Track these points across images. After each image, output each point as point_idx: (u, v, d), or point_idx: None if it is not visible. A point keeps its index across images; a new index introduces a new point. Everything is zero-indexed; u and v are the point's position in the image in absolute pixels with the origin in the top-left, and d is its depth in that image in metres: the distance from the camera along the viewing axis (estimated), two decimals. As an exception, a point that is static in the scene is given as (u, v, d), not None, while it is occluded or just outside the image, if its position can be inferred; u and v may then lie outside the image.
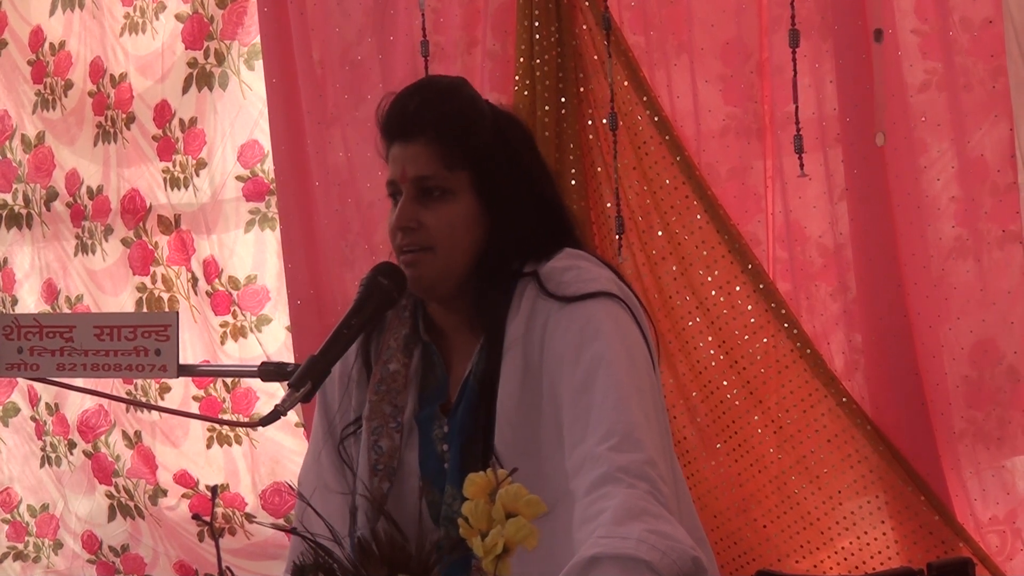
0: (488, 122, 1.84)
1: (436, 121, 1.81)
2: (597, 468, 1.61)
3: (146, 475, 4.32)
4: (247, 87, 4.02)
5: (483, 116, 1.84)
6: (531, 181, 1.86)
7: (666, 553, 1.52)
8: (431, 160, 1.81)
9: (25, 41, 4.51)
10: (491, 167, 1.82)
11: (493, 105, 1.92)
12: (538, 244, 1.85)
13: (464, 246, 1.81)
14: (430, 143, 1.80)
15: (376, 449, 1.84)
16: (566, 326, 1.75)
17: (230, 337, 4.09)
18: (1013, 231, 2.89)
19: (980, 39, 2.88)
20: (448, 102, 1.83)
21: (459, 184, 1.81)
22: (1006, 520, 2.95)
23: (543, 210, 1.87)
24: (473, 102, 1.85)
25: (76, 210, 4.42)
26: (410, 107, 1.83)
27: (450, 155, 1.80)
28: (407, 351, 1.89)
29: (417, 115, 1.82)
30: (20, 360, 1.78)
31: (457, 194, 1.81)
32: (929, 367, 2.98)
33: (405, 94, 1.85)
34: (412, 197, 1.82)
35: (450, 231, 1.81)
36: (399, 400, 1.86)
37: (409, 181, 1.82)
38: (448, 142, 1.80)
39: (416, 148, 1.81)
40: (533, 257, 1.84)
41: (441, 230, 1.80)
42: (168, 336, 1.72)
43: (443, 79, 1.94)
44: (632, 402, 1.67)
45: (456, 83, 1.89)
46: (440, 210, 1.81)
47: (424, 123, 1.81)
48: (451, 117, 1.82)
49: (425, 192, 1.81)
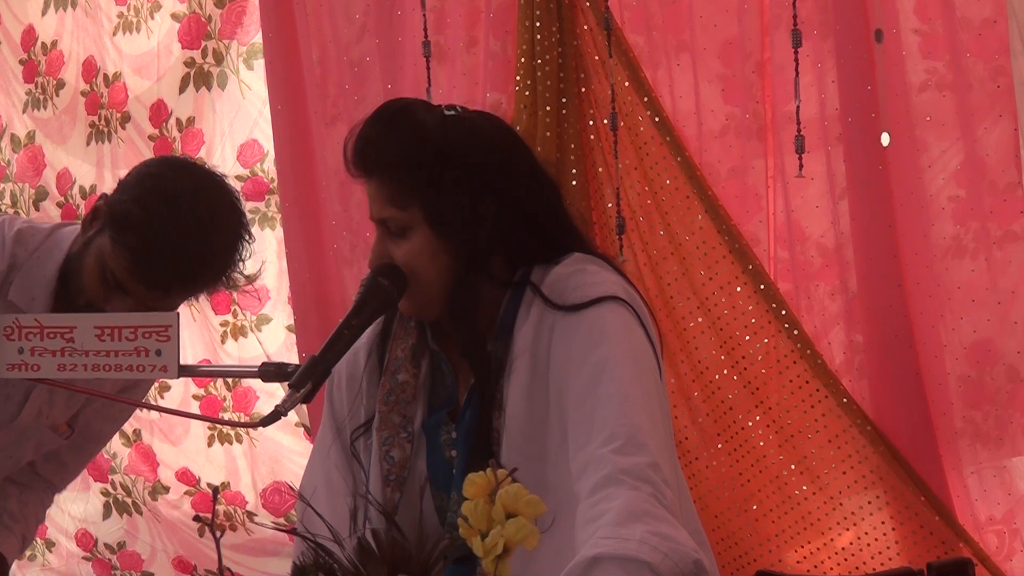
0: (436, 150, 1.81)
1: (381, 162, 1.83)
2: (600, 470, 1.61)
3: (145, 472, 4.32)
4: (246, 87, 4.02)
5: (429, 145, 1.82)
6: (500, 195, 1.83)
7: (668, 555, 1.52)
8: (385, 202, 1.84)
9: (17, 40, 4.50)
10: (439, 198, 1.81)
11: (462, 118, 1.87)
12: (536, 251, 1.85)
13: (433, 276, 1.83)
14: (382, 184, 1.84)
15: (388, 459, 1.85)
16: (572, 332, 1.75)
17: (230, 336, 4.09)
18: (1016, 231, 2.89)
19: (983, 38, 2.88)
20: (390, 139, 1.83)
21: (412, 220, 1.82)
22: (1005, 520, 2.95)
23: (525, 219, 1.85)
24: (419, 132, 1.83)
25: (67, 209, 4.42)
26: (361, 147, 1.85)
27: (399, 194, 1.82)
28: (415, 361, 1.90)
29: (366, 155, 1.84)
30: (21, 360, 1.77)
31: (413, 229, 1.83)
32: (930, 367, 2.97)
33: (361, 131, 1.86)
34: (381, 235, 1.86)
35: (416, 263, 1.83)
36: (408, 411, 1.87)
37: (375, 221, 1.87)
38: (394, 181, 1.82)
39: (372, 189, 1.85)
40: (539, 264, 1.84)
41: (408, 264, 1.83)
42: (169, 336, 1.71)
43: (392, 109, 1.89)
44: (637, 405, 1.67)
45: (404, 112, 1.87)
46: (403, 246, 1.83)
47: (372, 164, 1.84)
48: (393, 156, 1.82)
49: (388, 231, 1.85)
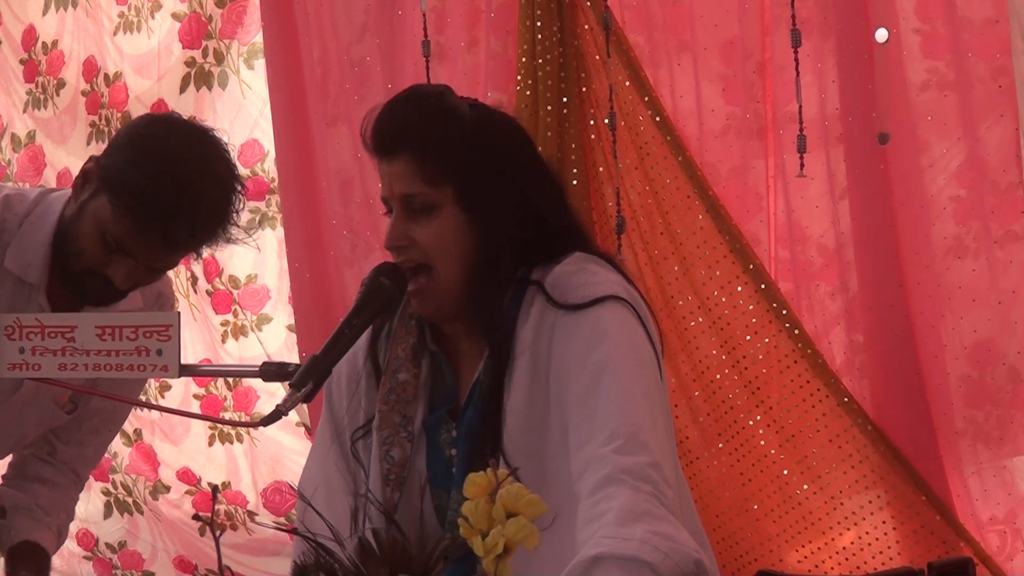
0: (470, 133, 1.83)
1: (415, 138, 1.81)
2: (601, 469, 1.61)
3: (146, 472, 4.32)
4: (247, 86, 4.02)
5: (464, 128, 1.83)
6: (520, 187, 1.85)
7: (668, 555, 1.52)
8: (415, 178, 1.81)
9: (18, 40, 4.50)
10: (473, 179, 1.81)
11: (484, 109, 1.90)
12: (538, 249, 1.85)
13: (457, 258, 1.82)
14: (412, 160, 1.81)
15: (388, 459, 1.85)
16: (573, 331, 1.75)
17: (231, 336, 4.09)
18: (1016, 230, 2.89)
19: (984, 38, 2.88)
20: (427, 117, 1.83)
21: (443, 198, 1.81)
22: (1007, 520, 2.95)
23: (536, 215, 1.86)
24: (454, 114, 1.84)
25: (69, 208, 4.42)
26: (389, 125, 1.84)
27: (432, 171, 1.81)
28: (416, 361, 1.89)
29: (397, 133, 1.83)
30: (22, 360, 1.77)
31: (443, 208, 1.81)
32: (931, 367, 2.97)
33: (386, 110, 1.86)
34: (401, 214, 1.84)
35: (442, 245, 1.82)
36: (408, 410, 1.87)
37: (396, 199, 1.84)
38: (429, 159, 1.81)
39: (399, 166, 1.82)
40: (540, 262, 1.84)
41: (433, 245, 1.82)
42: (170, 336, 1.71)
43: (424, 91, 1.92)
44: (637, 405, 1.67)
45: (437, 94, 1.88)
46: (428, 225, 1.82)
47: (404, 141, 1.82)
48: (430, 133, 1.82)
49: (412, 209, 1.83)
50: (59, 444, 2.48)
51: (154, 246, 2.10)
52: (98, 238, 2.11)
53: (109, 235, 2.10)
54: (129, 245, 2.09)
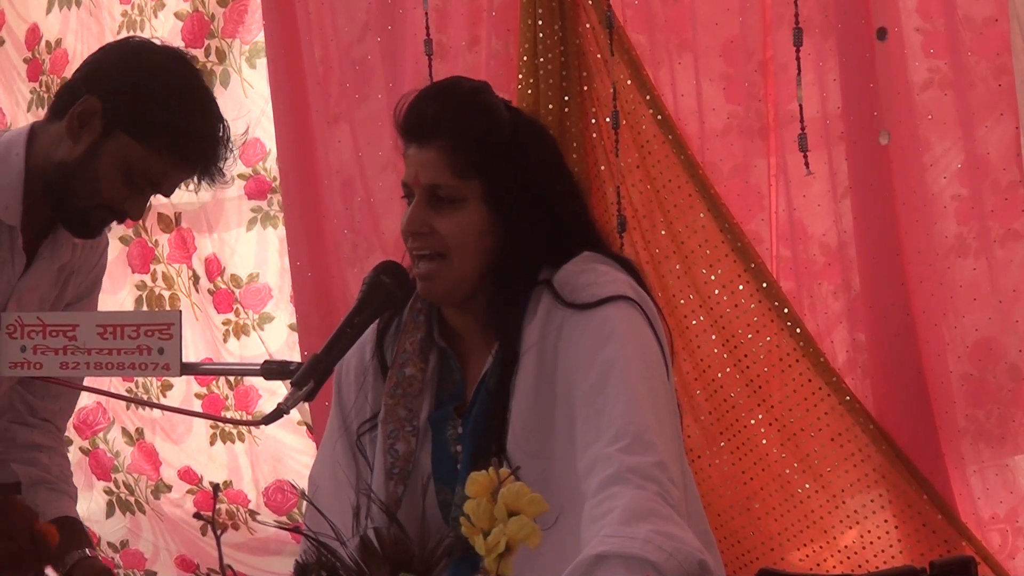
0: (505, 132, 1.83)
1: (452, 129, 1.81)
2: (607, 468, 1.61)
3: (148, 471, 4.32)
4: (248, 85, 4.02)
5: (500, 125, 1.83)
6: (546, 191, 1.85)
7: (672, 555, 1.51)
8: (444, 168, 1.80)
9: (22, 39, 4.50)
10: (503, 177, 1.81)
11: (519, 112, 1.91)
12: (552, 253, 1.85)
13: (476, 253, 1.82)
14: (444, 150, 1.80)
15: (392, 453, 1.85)
16: (581, 330, 1.75)
17: (232, 335, 4.10)
18: (1017, 229, 2.89)
19: (985, 37, 2.88)
20: (466, 110, 1.83)
21: (470, 192, 1.81)
22: (1008, 518, 2.95)
23: (559, 221, 1.86)
24: (492, 110, 1.84)
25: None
26: (428, 111, 1.82)
27: (463, 164, 1.80)
28: (423, 355, 1.89)
29: (434, 120, 1.81)
30: (23, 359, 1.77)
31: (468, 201, 1.81)
32: (932, 365, 2.97)
33: (426, 96, 1.85)
34: (424, 202, 1.83)
35: (462, 238, 1.81)
36: (414, 404, 1.87)
37: (422, 187, 1.83)
38: (462, 151, 1.80)
39: (430, 154, 1.81)
40: (549, 263, 1.84)
41: (453, 236, 1.81)
42: (171, 335, 1.71)
43: (466, 84, 1.91)
44: (644, 405, 1.67)
45: (478, 89, 1.88)
46: (452, 217, 1.81)
47: (440, 130, 1.81)
48: (468, 126, 1.81)
49: (436, 198, 1.82)
50: (34, 400, 2.43)
51: (184, 177, 2.19)
52: (120, 176, 2.15)
53: (139, 174, 2.15)
54: (163, 180, 2.17)
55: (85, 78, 2.20)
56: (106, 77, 2.18)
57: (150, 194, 2.19)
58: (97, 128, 2.14)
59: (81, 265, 2.36)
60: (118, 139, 2.13)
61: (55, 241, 2.27)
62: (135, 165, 2.14)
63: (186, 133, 2.14)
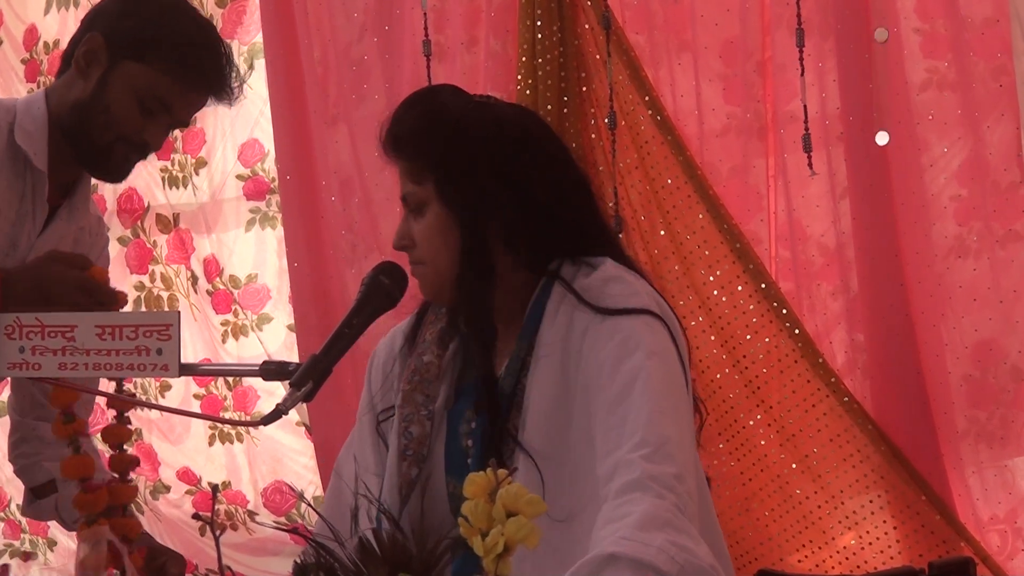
0: (448, 128, 1.84)
1: (406, 138, 1.86)
2: (628, 473, 1.62)
3: (146, 472, 4.32)
4: (247, 86, 3.99)
5: (442, 124, 1.85)
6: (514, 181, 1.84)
7: (684, 567, 1.51)
8: (406, 177, 1.87)
9: (20, 40, 4.50)
10: (449, 174, 1.83)
11: (487, 105, 1.90)
12: (559, 244, 1.85)
13: (443, 253, 1.84)
14: (406, 161, 1.86)
15: (406, 435, 1.87)
16: (607, 338, 1.75)
17: (231, 335, 4.10)
18: (1018, 230, 2.89)
19: (985, 37, 2.88)
20: (412, 117, 1.87)
21: (428, 195, 1.85)
22: (1007, 519, 2.95)
23: (537, 208, 1.86)
24: (438, 111, 1.86)
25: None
26: (392, 127, 1.89)
27: (420, 169, 1.85)
28: (442, 343, 1.91)
29: (390, 136, 1.88)
30: (22, 360, 1.77)
31: (429, 205, 1.85)
32: (931, 366, 2.97)
33: (395, 111, 1.91)
34: (406, 214, 1.88)
35: (429, 241, 1.85)
36: (431, 390, 1.89)
37: (401, 200, 1.89)
38: (416, 158, 1.85)
39: (400, 166, 1.88)
40: (566, 255, 1.84)
41: (423, 242, 1.85)
42: (170, 335, 1.71)
43: (423, 92, 1.96)
44: (667, 417, 1.68)
45: (430, 94, 1.93)
46: (419, 223, 1.86)
47: (400, 141, 1.87)
48: (415, 131, 1.86)
49: (410, 208, 1.87)
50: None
51: (198, 97, 2.22)
52: (134, 104, 2.17)
53: (150, 98, 2.17)
54: (174, 101, 2.19)
55: (87, 22, 2.27)
56: (105, 14, 2.24)
57: (166, 122, 2.21)
58: (103, 61, 2.18)
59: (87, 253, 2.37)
60: (125, 67, 2.17)
61: (71, 204, 2.30)
62: (145, 89, 2.17)
63: (190, 48, 2.18)
